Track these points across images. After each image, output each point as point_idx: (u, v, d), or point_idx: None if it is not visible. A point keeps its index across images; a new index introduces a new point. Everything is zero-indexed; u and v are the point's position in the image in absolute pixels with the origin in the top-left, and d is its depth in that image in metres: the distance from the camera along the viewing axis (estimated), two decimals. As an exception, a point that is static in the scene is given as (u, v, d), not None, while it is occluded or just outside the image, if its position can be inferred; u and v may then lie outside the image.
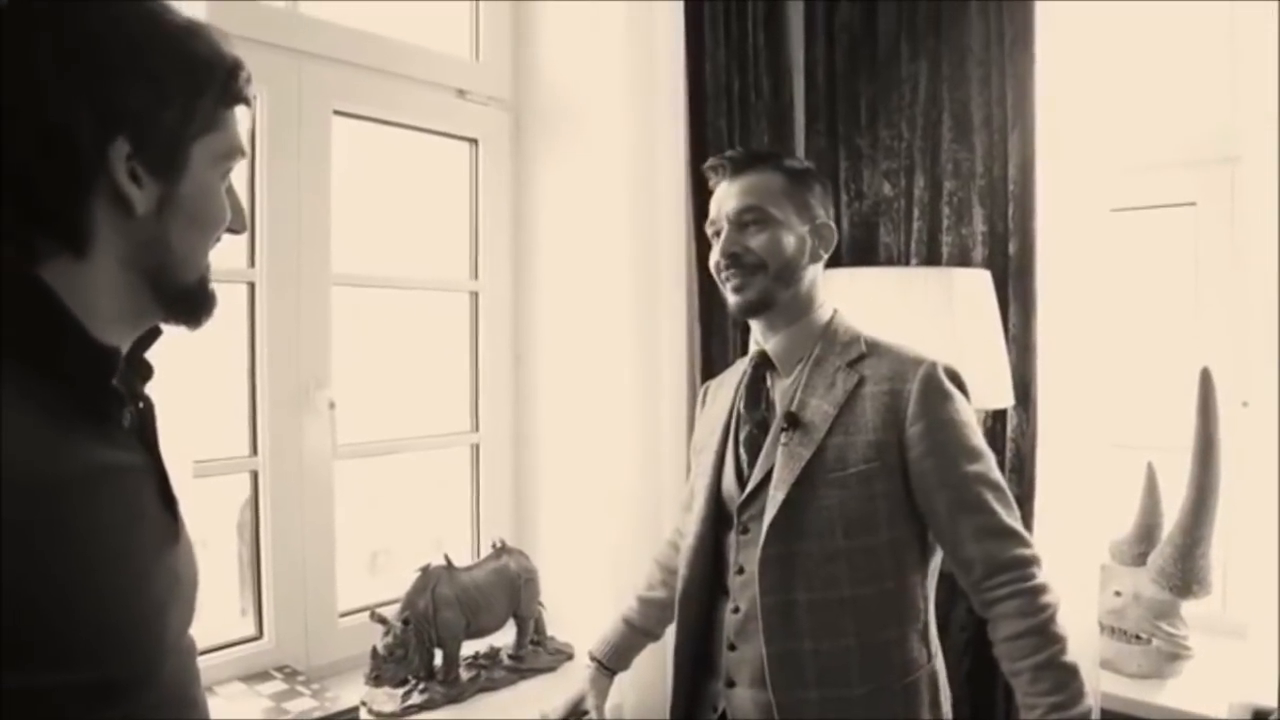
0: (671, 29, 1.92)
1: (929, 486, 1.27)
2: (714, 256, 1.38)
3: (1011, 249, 1.98)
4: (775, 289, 1.34)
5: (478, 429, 2.15)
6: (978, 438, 1.30)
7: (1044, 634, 1.21)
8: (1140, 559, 1.97)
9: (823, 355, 1.35)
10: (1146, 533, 1.99)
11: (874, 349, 1.35)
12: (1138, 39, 2.04)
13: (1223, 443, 1.83)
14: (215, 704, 1.56)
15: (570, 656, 1.96)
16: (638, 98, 1.89)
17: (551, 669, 1.91)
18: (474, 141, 2.12)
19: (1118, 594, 1.98)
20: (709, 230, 1.40)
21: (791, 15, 2.19)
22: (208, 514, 1.82)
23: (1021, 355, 1.96)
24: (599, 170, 1.96)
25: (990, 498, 1.26)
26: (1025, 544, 1.27)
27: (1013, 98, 1.98)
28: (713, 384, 1.58)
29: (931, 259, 2.10)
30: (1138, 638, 1.94)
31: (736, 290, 1.35)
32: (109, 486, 0.73)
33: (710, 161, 1.41)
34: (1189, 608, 1.94)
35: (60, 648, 0.67)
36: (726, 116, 1.99)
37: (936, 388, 1.29)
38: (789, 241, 1.34)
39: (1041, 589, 1.24)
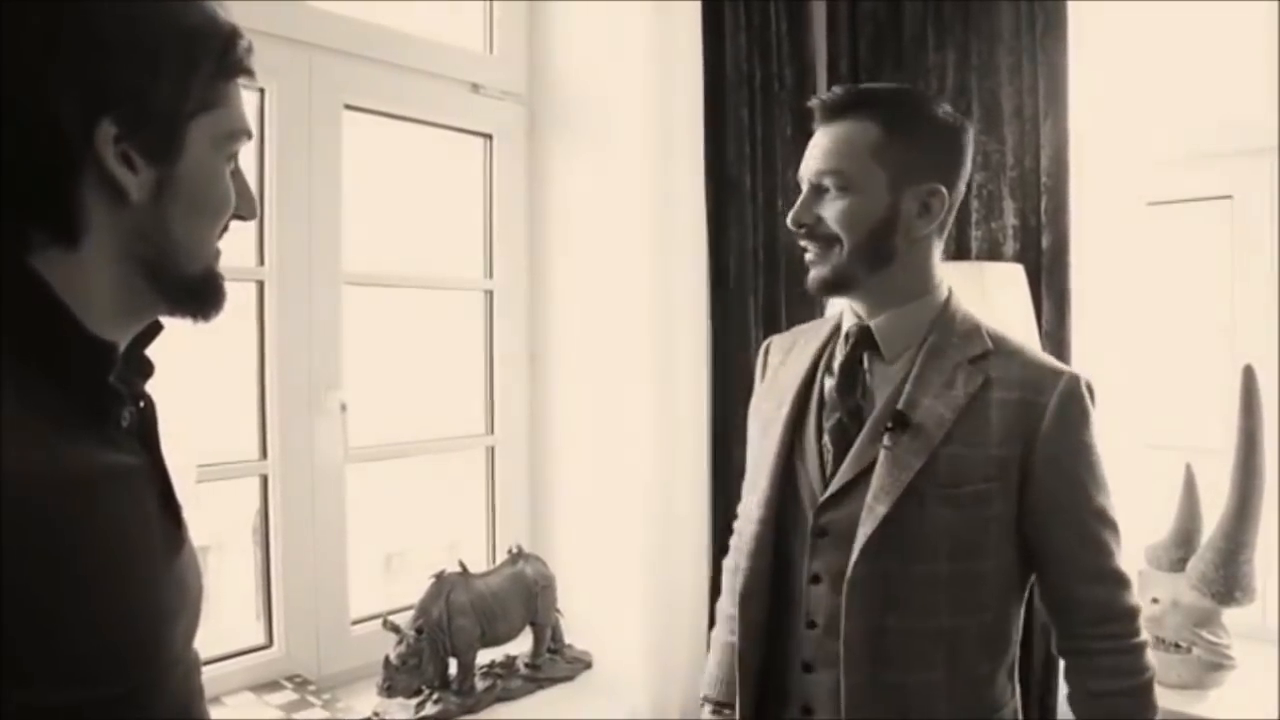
0: (691, 20, 1.88)
1: (1049, 515, 1.14)
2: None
3: (1045, 242, 1.93)
4: (855, 268, 1.15)
5: (493, 431, 2.11)
6: (1103, 467, 1.16)
7: (1142, 699, 1.14)
8: (1179, 564, 1.91)
9: (939, 345, 1.16)
10: (1185, 537, 1.92)
11: (1000, 345, 1.17)
12: (1174, 27, 1.98)
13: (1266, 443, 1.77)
14: (223, 715, 1.52)
15: (589, 665, 1.91)
16: (656, 90, 1.85)
17: (570, 678, 1.87)
18: (488, 136, 2.08)
19: (1155, 601, 1.91)
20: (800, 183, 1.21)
21: (814, 4, 2.15)
22: (221, 519, 1.79)
23: (1055, 352, 1.90)
24: (616, 165, 1.91)
25: (1109, 537, 1.15)
26: (1131, 591, 1.17)
27: (1045, 87, 1.93)
28: (777, 341, 1.37)
29: (960, 254, 2.04)
30: (1177, 646, 1.87)
31: (811, 264, 1.18)
32: (110, 490, 0.69)
33: (812, 100, 1.20)
34: (1231, 615, 1.87)
35: (60, 664, 0.62)
36: (749, 106, 1.94)
37: (1079, 406, 1.13)
38: (870, 212, 1.13)
39: (1144, 647, 1.15)
